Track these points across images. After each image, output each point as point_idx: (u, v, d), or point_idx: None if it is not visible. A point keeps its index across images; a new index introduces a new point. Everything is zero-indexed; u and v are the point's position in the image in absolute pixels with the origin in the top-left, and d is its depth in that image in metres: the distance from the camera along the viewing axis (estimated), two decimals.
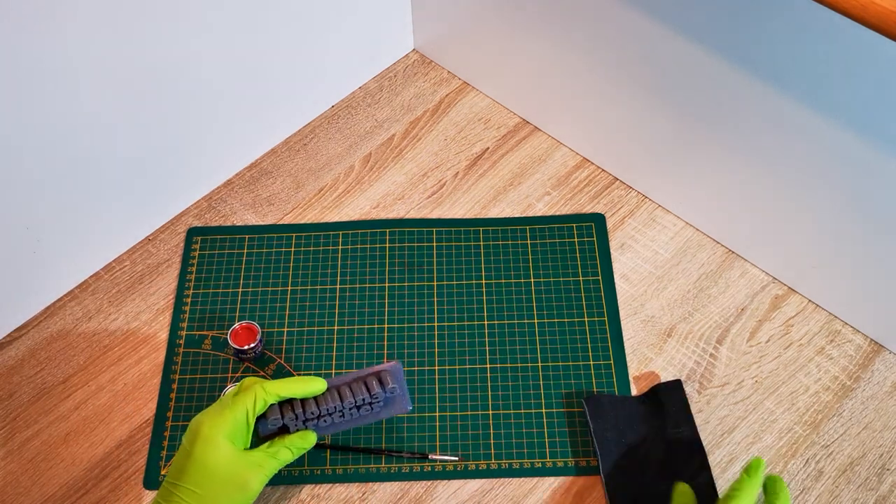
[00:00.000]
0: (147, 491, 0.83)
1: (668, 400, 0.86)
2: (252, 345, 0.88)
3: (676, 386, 0.86)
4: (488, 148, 1.07)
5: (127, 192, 0.94)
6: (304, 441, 0.76)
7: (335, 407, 0.76)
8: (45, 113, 0.81)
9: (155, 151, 0.94)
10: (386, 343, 0.91)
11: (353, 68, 1.12)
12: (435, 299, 0.94)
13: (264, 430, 0.75)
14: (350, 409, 0.77)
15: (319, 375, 0.88)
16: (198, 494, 0.70)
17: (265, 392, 0.74)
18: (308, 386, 0.75)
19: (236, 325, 0.89)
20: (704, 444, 0.85)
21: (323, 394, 0.76)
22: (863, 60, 0.71)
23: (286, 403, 0.76)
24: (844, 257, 0.87)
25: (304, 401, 0.76)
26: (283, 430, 0.76)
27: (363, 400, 0.77)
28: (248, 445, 0.74)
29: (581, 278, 0.95)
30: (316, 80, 1.07)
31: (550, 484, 0.83)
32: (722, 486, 0.82)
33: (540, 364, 0.90)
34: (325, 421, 0.77)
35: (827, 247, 0.88)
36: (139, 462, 0.85)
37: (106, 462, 0.85)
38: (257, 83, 0.99)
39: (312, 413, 0.76)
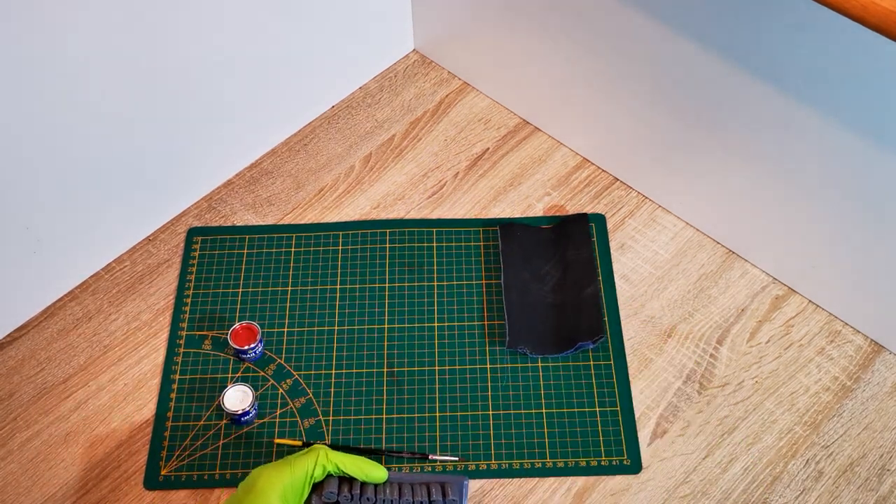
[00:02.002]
0: (147, 491, 0.83)
1: (574, 230, 0.96)
2: (252, 345, 0.88)
3: (581, 218, 0.97)
4: (488, 148, 1.07)
5: (127, 192, 0.94)
6: None
7: (392, 501, 0.76)
8: (46, 113, 0.81)
9: (155, 151, 0.94)
10: (386, 343, 0.91)
11: (354, 68, 1.12)
12: (435, 299, 0.94)
13: (317, 503, 0.75)
14: None
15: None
16: None
17: (327, 460, 0.74)
18: (371, 471, 0.75)
19: (236, 325, 0.89)
20: (704, 445, 0.85)
21: (382, 483, 0.77)
22: (863, 60, 0.71)
23: (345, 480, 0.76)
24: (844, 258, 0.87)
25: (363, 483, 0.76)
26: None
27: (420, 503, 0.77)
28: None
29: None
30: (316, 80, 1.07)
31: (550, 484, 0.83)
32: (721, 486, 0.82)
33: (540, 364, 0.89)
34: None
35: (827, 247, 0.88)
36: (139, 462, 0.84)
37: (106, 462, 0.85)
38: (257, 83, 0.99)
39: (368, 499, 0.76)
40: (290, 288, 0.95)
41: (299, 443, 0.85)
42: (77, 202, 0.90)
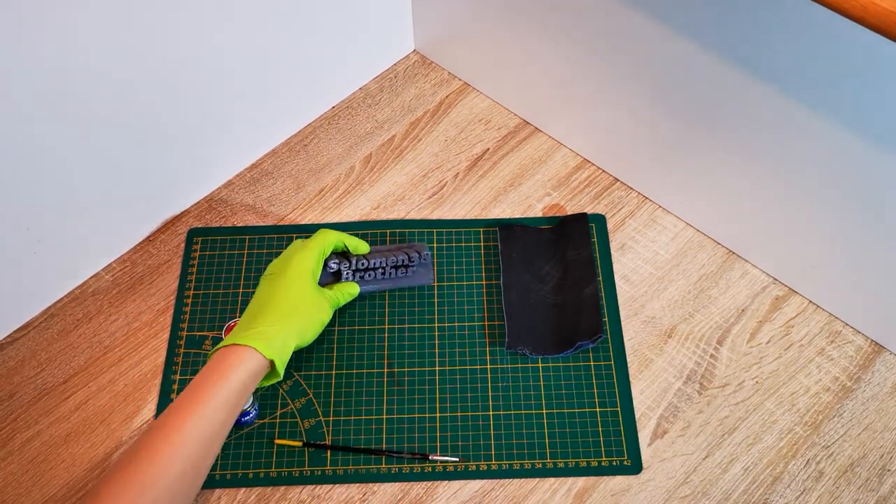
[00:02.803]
0: None
1: (573, 230, 0.97)
2: None
3: (580, 218, 0.97)
4: (489, 149, 1.07)
5: (127, 193, 0.94)
6: (351, 289, 0.91)
7: (380, 262, 0.91)
8: (45, 114, 0.81)
9: (155, 152, 0.94)
10: (386, 343, 0.91)
11: (354, 69, 1.12)
12: (435, 299, 0.94)
13: (322, 279, 0.90)
14: (391, 267, 0.92)
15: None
16: (286, 313, 0.82)
17: (335, 237, 0.89)
18: (358, 242, 0.91)
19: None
20: (705, 445, 0.85)
21: (370, 254, 0.92)
22: (863, 60, 0.71)
23: (342, 257, 0.91)
24: (844, 258, 0.87)
25: (357, 258, 0.91)
26: (336, 279, 0.91)
27: (402, 261, 0.92)
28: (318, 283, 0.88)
29: None
30: (316, 80, 1.07)
31: (551, 484, 0.83)
32: (721, 487, 0.82)
33: (540, 364, 0.89)
34: (370, 275, 0.92)
35: (827, 247, 0.88)
36: None
37: (107, 463, 0.85)
38: (258, 84, 0.99)
39: (362, 264, 0.91)
40: None
41: (299, 443, 0.85)
42: (77, 202, 0.90)
